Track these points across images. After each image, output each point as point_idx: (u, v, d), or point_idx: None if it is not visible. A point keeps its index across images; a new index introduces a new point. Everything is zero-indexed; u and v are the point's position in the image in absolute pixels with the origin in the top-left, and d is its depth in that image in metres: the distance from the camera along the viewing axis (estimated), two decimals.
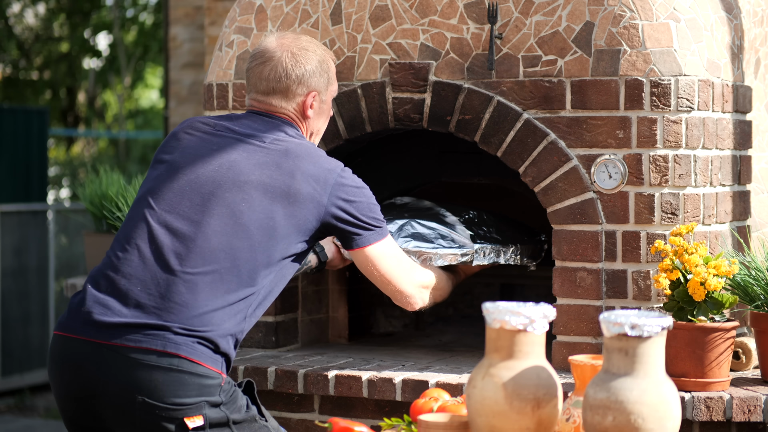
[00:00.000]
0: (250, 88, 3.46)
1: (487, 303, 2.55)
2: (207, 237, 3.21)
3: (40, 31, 17.63)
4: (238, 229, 3.23)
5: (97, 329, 3.14)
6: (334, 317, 4.50)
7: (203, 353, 3.13)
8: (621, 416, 2.40)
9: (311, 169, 3.31)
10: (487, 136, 3.97)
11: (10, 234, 9.63)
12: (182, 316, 3.14)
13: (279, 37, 3.46)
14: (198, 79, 9.32)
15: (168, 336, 3.11)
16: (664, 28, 3.80)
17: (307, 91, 3.43)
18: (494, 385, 2.50)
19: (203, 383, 3.11)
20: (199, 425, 3.10)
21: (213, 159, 3.31)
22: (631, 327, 2.41)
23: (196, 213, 3.24)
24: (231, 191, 3.26)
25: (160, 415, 3.09)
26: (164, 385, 3.08)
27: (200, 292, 3.17)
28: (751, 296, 3.69)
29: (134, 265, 3.20)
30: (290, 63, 3.42)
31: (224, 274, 3.19)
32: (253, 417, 3.20)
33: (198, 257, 3.19)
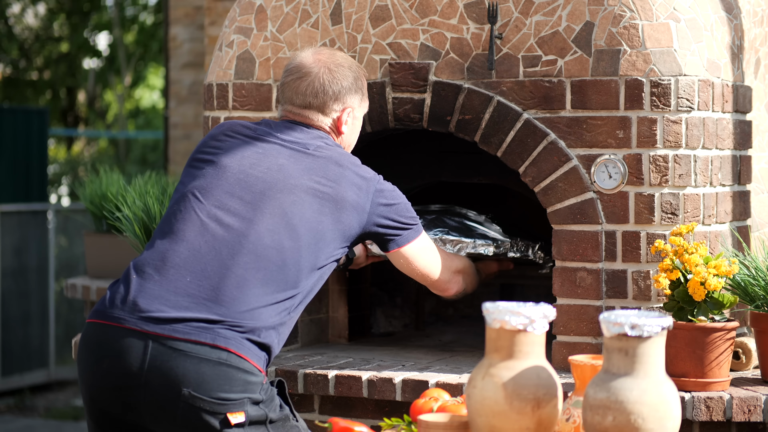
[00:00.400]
0: (285, 101, 3.53)
1: (487, 303, 2.56)
2: (259, 235, 3.24)
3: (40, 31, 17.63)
4: (289, 230, 3.27)
5: (142, 319, 3.13)
6: (334, 317, 4.50)
7: (250, 349, 3.15)
8: (621, 416, 2.40)
9: (354, 177, 3.40)
10: (487, 136, 3.97)
11: (10, 234, 9.63)
12: (232, 310, 3.15)
13: (315, 53, 3.53)
14: (198, 79, 9.32)
15: (217, 330, 3.12)
16: (664, 28, 3.80)
17: (343, 107, 3.51)
18: (494, 385, 2.50)
19: (248, 380, 3.12)
20: (241, 422, 3.10)
21: (261, 161, 3.36)
22: (631, 327, 2.41)
23: (247, 211, 3.27)
24: (282, 193, 3.31)
25: (204, 409, 3.08)
26: (212, 378, 3.08)
27: (250, 288, 3.18)
28: (751, 296, 3.69)
29: (184, 256, 3.21)
30: (328, 79, 3.49)
31: (273, 273, 3.22)
32: (286, 416, 3.22)
33: (250, 254, 3.21)
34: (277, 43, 4.22)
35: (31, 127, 11.35)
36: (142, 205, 4.88)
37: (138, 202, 4.92)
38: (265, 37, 4.24)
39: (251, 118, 4.24)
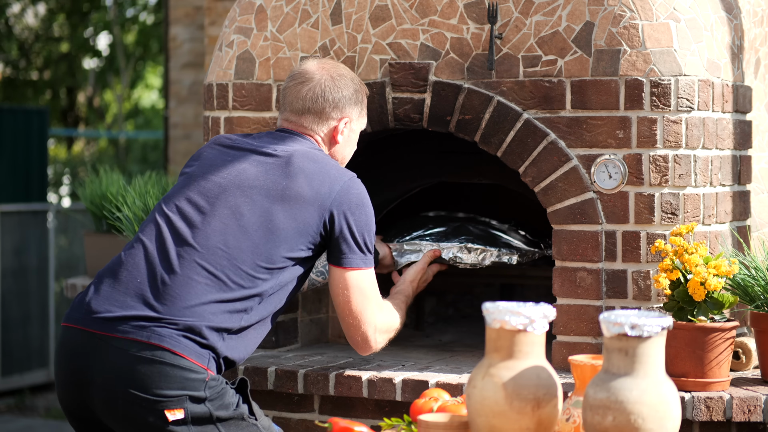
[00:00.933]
0: (285, 107, 3.56)
1: (487, 303, 2.56)
2: (207, 236, 3.29)
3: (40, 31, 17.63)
4: (238, 231, 3.30)
5: (92, 319, 3.22)
6: (334, 317, 4.50)
7: (187, 346, 3.18)
8: (621, 416, 2.40)
9: (316, 172, 3.38)
10: (487, 136, 3.97)
11: (10, 234, 9.63)
12: (173, 308, 3.21)
13: (319, 62, 3.58)
14: (198, 79, 9.32)
15: (154, 328, 3.18)
16: (664, 28, 3.80)
17: (340, 116, 3.54)
18: (494, 385, 2.50)
19: (186, 376, 3.15)
20: (180, 418, 3.13)
21: (224, 168, 3.41)
22: (631, 327, 2.41)
23: (199, 214, 3.33)
24: (235, 195, 3.35)
25: (141, 406, 3.14)
26: (147, 376, 3.13)
27: (194, 286, 3.24)
28: (751, 296, 3.69)
29: (137, 260, 3.29)
30: (329, 86, 3.52)
31: (220, 272, 3.26)
32: (240, 415, 3.23)
33: (195, 253, 3.27)
34: (277, 43, 4.23)
35: (31, 127, 11.35)
36: (142, 205, 4.89)
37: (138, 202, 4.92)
38: (265, 37, 4.24)
39: (251, 118, 4.24)
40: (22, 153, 11.22)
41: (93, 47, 17.53)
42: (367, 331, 3.50)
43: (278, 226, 3.32)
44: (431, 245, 4.27)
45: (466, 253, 4.21)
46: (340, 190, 3.37)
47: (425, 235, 4.37)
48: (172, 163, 9.48)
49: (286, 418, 3.98)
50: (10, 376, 9.61)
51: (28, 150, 11.28)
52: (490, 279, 4.94)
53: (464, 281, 5.12)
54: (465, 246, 4.19)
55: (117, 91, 17.25)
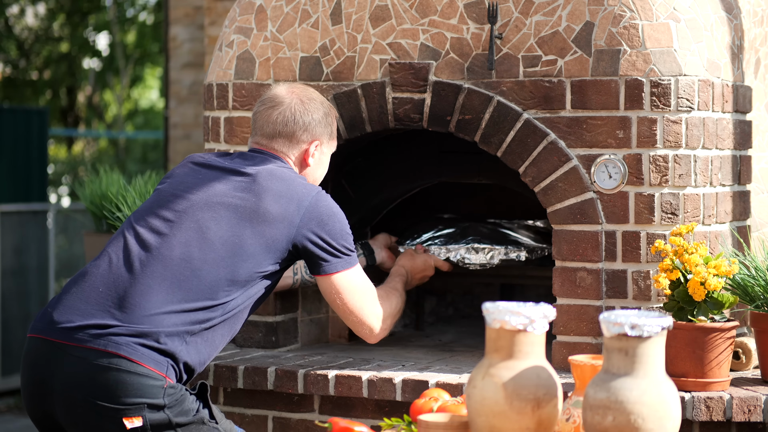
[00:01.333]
0: (255, 131, 3.60)
1: (487, 303, 2.56)
2: (171, 247, 3.33)
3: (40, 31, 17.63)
4: (203, 244, 3.34)
5: (53, 329, 3.24)
6: (334, 317, 4.50)
7: (144, 354, 3.20)
8: (621, 416, 2.40)
9: (284, 190, 3.42)
10: (487, 136, 3.97)
11: (10, 234, 9.63)
12: (132, 316, 3.23)
13: (289, 86, 3.63)
14: (198, 79, 9.32)
15: (112, 336, 3.20)
16: (664, 28, 3.80)
17: (311, 138, 3.58)
18: (494, 385, 2.50)
19: (144, 383, 3.15)
20: (138, 426, 3.14)
21: (194, 185, 3.46)
22: (631, 327, 2.41)
23: (166, 227, 3.37)
24: (202, 210, 3.39)
25: (100, 414, 3.16)
26: (104, 384, 3.16)
27: (154, 295, 3.26)
28: (751, 296, 3.69)
29: (101, 270, 3.32)
30: (299, 110, 3.57)
31: (182, 282, 3.29)
32: (200, 419, 3.24)
33: (158, 264, 3.29)
34: (277, 43, 4.22)
35: (31, 127, 11.34)
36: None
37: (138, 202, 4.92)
38: (265, 37, 4.24)
39: (251, 118, 4.24)
40: (22, 153, 11.21)
41: (93, 47, 17.53)
42: (372, 323, 3.59)
43: (246, 242, 3.36)
44: (440, 249, 4.31)
45: (473, 254, 4.26)
46: (308, 206, 3.41)
47: (435, 237, 4.41)
48: (172, 163, 9.48)
49: (286, 418, 3.98)
50: (10, 376, 9.61)
51: (28, 150, 11.28)
52: (490, 279, 4.93)
53: (464, 281, 5.12)
54: (472, 246, 4.22)
55: (117, 91, 17.25)
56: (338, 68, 4.15)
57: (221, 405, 4.07)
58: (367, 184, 4.51)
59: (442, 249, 4.32)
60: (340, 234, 3.46)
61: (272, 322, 4.25)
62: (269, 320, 4.25)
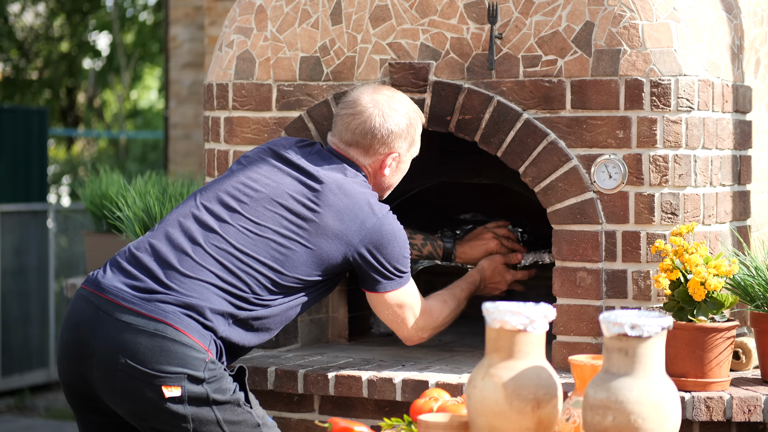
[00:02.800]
0: (335, 132, 3.65)
1: (487, 303, 2.56)
2: (229, 232, 3.38)
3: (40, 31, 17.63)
4: (258, 239, 3.38)
5: (102, 289, 3.27)
6: (334, 317, 4.50)
7: (189, 325, 3.23)
8: (621, 416, 2.40)
9: (349, 207, 3.47)
10: (487, 136, 3.97)
11: (10, 234, 9.63)
12: (182, 287, 3.27)
13: (374, 92, 3.65)
14: (198, 79, 9.32)
15: (159, 303, 3.23)
16: (664, 28, 3.80)
17: (388, 151, 3.63)
18: (494, 385, 2.50)
19: (187, 353, 3.16)
20: (176, 395, 3.13)
21: (265, 176, 3.51)
22: (631, 327, 2.41)
23: (227, 213, 3.42)
24: (266, 205, 3.44)
25: (139, 379, 3.14)
26: (147, 349, 3.15)
27: (205, 272, 3.31)
28: (751, 296, 3.69)
29: (155, 241, 3.37)
30: (379, 122, 3.59)
31: (233, 269, 3.35)
32: (236, 401, 3.26)
33: (215, 245, 3.35)
34: (277, 43, 4.23)
35: (31, 127, 11.34)
36: (143, 205, 4.88)
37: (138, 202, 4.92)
38: (265, 37, 4.24)
39: (251, 118, 4.24)
40: (22, 153, 11.21)
41: (93, 47, 17.53)
42: (410, 334, 3.70)
43: (297, 249, 3.41)
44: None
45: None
46: (370, 228, 3.46)
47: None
48: (172, 163, 9.48)
49: (286, 418, 3.98)
50: (10, 376, 9.61)
51: (28, 150, 11.28)
52: None
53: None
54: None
55: (117, 91, 17.25)
56: (338, 68, 4.15)
57: None
58: None
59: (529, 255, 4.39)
60: (397, 258, 3.53)
61: None
62: None
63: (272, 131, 4.21)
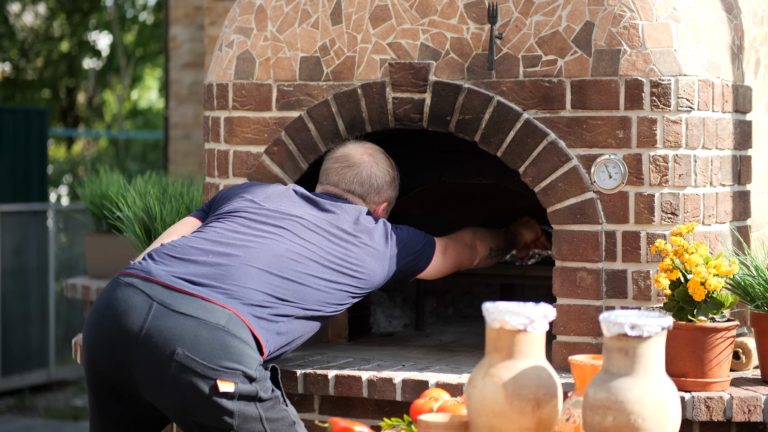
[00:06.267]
0: (327, 180, 3.88)
1: (487, 303, 2.56)
2: (276, 251, 3.51)
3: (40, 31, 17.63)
4: (307, 262, 3.56)
5: (155, 275, 3.28)
6: (334, 317, 4.49)
7: (253, 320, 3.29)
8: (621, 416, 2.40)
9: (375, 246, 3.70)
10: (487, 136, 3.97)
11: (10, 234, 9.63)
12: (242, 288, 3.33)
13: (361, 146, 3.94)
14: (198, 79, 9.32)
15: (221, 296, 3.27)
16: (664, 28, 3.80)
17: (381, 200, 3.92)
18: (494, 385, 2.50)
19: (244, 351, 3.21)
20: (230, 391, 3.15)
21: (289, 210, 3.67)
22: (631, 327, 2.41)
23: (272, 228, 3.56)
24: (299, 232, 3.60)
25: (195, 371, 3.14)
26: (207, 342, 3.15)
27: (262, 280, 3.42)
28: (751, 296, 3.69)
29: (208, 239, 3.47)
30: (374, 172, 3.89)
31: (283, 283, 3.49)
32: (277, 398, 3.33)
33: (269, 255, 3.50)
34: (277, 43, 4.23)
35: (31, 127, 11.34)
36: (143, 205, 4.88)
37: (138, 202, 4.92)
38: (265, 37, 4.24)
39: (251, 118, 4.24)
40: (22, 153, 11.21)
41: (93, 47, 17.53)
42: (467, 255, 4.04)
43: (321, 287, 3.61)
44: None
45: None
46: (391, 255, 3.75)
47: None
48: (172, 163, 9.48)
49: None
50: (10, 376, 9.61)
51: (28, 150, 11.28)
52: (490, 279, 4.94)
53: (464, 281, 5.12)
54: None
55: (117, 91, 17.26)
56: (338, 68, 4.15)
57: None
58: None
59: None
60: (414, 240, 3.84)
61: None
62: None
63: (272, 131, 4.21)
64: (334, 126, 4.16)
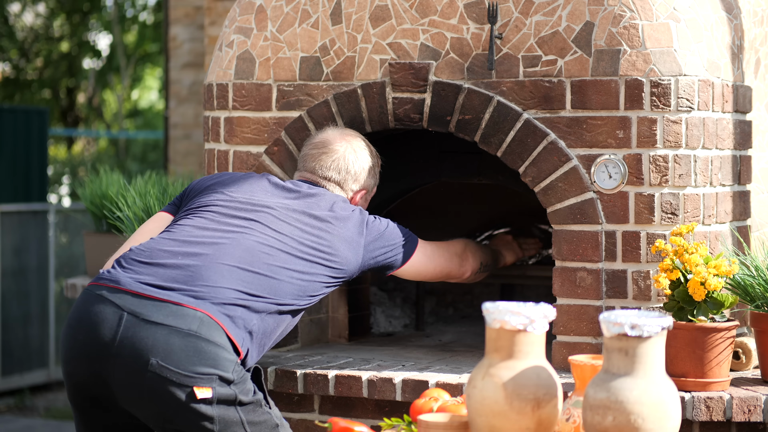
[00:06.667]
0: (305, 169, 3.79)
1: (487, 303, 2.56)
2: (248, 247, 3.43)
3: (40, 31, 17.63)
4: (281, 255, 3.47)
5: (124, 284, 3.24)
6: (334, 317, 4.50)
7: (226, 320, 3.23)
8: (621, 416, 2.40)
9: (349, 234, 3.62)
10: (487, 136, 3.97)
11: (10, 234, 9.63)
12: (213, 289, 3.27)
13: (341, 133, 3.84)
14: (198, 79, 9.32)
15: (192, 299, 3.22)
16: (664, 28, 3.80)
17: (359, 188, 3.82)
18: (494, 385, 2.50)
19: (219, 354, 3.16)
20: (207, 396, 3.12)
21: (261, 200, 3.59)
22: (631, 327, 2.41)
23: (243, 222, 3.48)
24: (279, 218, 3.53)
25: (170, 380, 3.11)
26: (181, 350, 3.11)
27: (234, 277, 3.35)
28: (751, 296, 3.69)
29: (173, 240, 3.40)
30: (352, 159, 3.80)
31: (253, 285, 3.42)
32: (258, 401, 3.28)
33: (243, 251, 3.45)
34: (277, 43, 4.22)
35: (31, 127, 11.34)
36: (143, 205, 4.88)
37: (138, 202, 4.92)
38: (265, 37, 4.24)
39: (251, 118, 4.24)
40: (22, 153, 11.21)
41: (93, 47, 17.53)
42: (455, 264, 3.94)
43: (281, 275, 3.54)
44: None
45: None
46: (365, 244, 3.65)
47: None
48: (172, 163, 9.48)
49: (286, 418, 3.97)
50: (10, 376, 9.61)
51: (28, 150, 11.28)
52: (490, 279, 4.93)
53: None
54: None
55: (117, 91, 17.25)
56: (338, 68, 4.15)
57: None
58: None
59: None
60: (392, 233, 3.74)
61: None
62: None
63: (272, 131, 4.21)
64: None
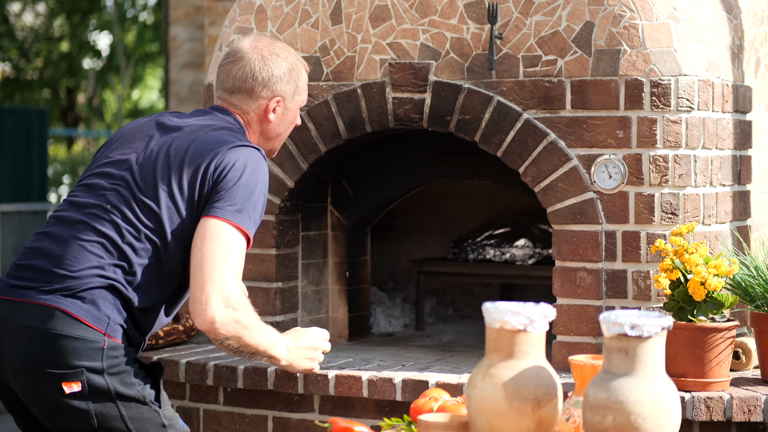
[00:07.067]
0: (218, 85, 3.46)
1: (487, 303, 2.55)
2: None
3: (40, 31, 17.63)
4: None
5: (10, 289, 3.17)
6: (334, 317, 4.50)
7: (80, 309, 3.08)
8: (621, 416, 2.39)
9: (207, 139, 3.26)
10: (487, 136, 3.97)
11: (10, 234, 9.63)
12: (64, 285, 3.13)
13: (254, 40, 3.46)
14: (198, 79, 9.32)
15: (46, 296, 3.10)
16: (664, 28, 3.80)
17: (271, 95, 3.41)
18: (494, 385, 2.50)
19: (79, 347, 3.05)
20: (77, 391, 3.06)
21: (135, 145, 3.31)
22: (631, 327, 2.41)
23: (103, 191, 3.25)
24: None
25: (40, 380, 3.07)
26: (43, 349, 3.06)
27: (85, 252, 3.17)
28: (751, 296, 3.69)
29: (52, 232, 3.25)
30: (259, 65, 3.41)
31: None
32: (142, 397, 3.12)
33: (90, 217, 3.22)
34: None
35: (31, 127, 11.34)
36: None
37: None
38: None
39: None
40: (22, 153, 11.21)
41: (93, 47, 17.53)
42: (214, 297, 3.06)
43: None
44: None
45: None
46: (217, 152, 3.21)
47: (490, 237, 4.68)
48: None
49: (286, 418, 3.98)
50: None
51: (28, 150, 11.28)
52: (490, 279, 4.94)
53: (464, 281, 5.12)
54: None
55: (117, 91, 17.26)
56: (338, 68, 4.15)
57: (221, 405, 4.07)
58: (367, 184, 4.51)
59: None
60: (243, 187, 3.18)
61: (272, 322, 4.24)
62: (269, 320, 4.25)
63: None
64: (334, 126, 4.16)
